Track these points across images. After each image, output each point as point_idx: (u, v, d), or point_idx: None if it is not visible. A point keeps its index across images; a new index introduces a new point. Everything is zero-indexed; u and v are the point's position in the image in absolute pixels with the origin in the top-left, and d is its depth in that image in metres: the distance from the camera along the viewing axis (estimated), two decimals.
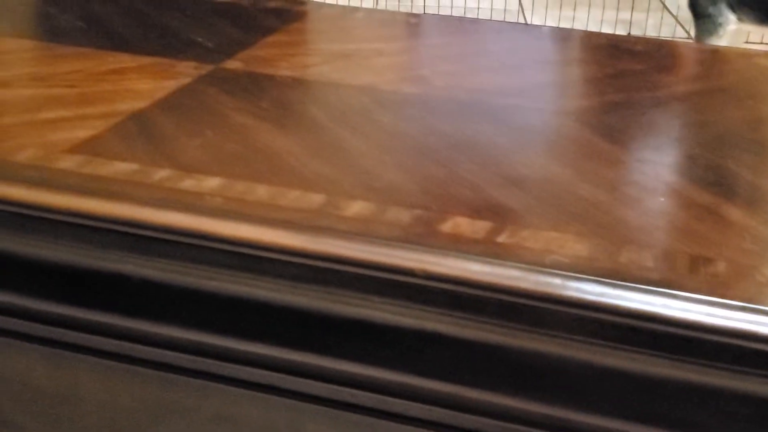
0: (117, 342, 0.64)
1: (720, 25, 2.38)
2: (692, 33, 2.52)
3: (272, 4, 1.16)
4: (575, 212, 0.62)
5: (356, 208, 0.62)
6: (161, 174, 0.65)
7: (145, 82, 0.83)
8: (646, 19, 2.95)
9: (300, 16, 1.07)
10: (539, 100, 0.82)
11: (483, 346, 0.56)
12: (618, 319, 0.54)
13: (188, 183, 0.64)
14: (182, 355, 0.64)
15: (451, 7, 3.07)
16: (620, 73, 0.87)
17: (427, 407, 0.59)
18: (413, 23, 1.09)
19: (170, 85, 0.83)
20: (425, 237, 0.58)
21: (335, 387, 0.61)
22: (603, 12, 2.93)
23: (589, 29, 2.71)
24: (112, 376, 0.66)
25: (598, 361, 0.55)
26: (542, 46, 0.97)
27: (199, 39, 0.96)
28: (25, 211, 0.62)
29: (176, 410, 0.65)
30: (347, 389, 0.61)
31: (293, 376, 0.62)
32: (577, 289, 0.54)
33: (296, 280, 0.59)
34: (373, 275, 0.57)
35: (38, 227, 0.62)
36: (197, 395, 0.65)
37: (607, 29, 2.81)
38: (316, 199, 0.63)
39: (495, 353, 0.56)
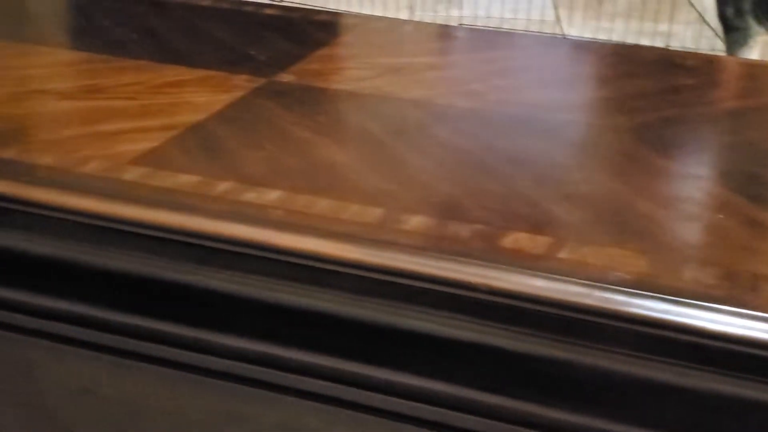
0: (182, 352, 0.66)
1: (750, 36, 2.40)
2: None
3: (321, 18, 1.17)
4: (635, 228, 0.62)
5: (416, 222, 0.63)
6: (224, 186, 0.66)
7: (201, 95, 0.85)
8: (685, 31, 2.93)
9: (349, 30, 1.08)
10: (594, 116, 0.82)
11: (545, 361, 0.56)
12: (681, 337, 0.54)
13: (250, 195, 0.65)
14: (246, 366, 0.65)
15: (487, 17, 3.07)
16: (674, 89, 0.87)
17: (487, 421, 0.60)
18: (462, 37, 1.10)
19: (226, 98, 0.84)
20: (486, 252, 0.59)
21: (395, 399, 0.62)
22: (641, 23, 2.92)
23: (627, 41, 2.70)
24: (176, 386, 0.67)
25: (659, 378, 0.55)
26: (592, 61, 0.98)
27: (252, 52, 0.97)
28: (93, 222, 0.63)
29: (239, 420, 0.66)
30: (407, 402, 0.62)
31: (354, 387, 0.63)
32: (641, 306, 0.54)
33: (358, 292, 0.60)
34: (435, 289, 0.58)
35: (106, 238, 0.63)
36: (260, 405, 0.66)
37: (645, 41, 2.81)
38: (375, 212, 0.64)
39: (557, 369, 0.57)
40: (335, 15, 1.22)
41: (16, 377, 0.72)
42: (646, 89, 0.93)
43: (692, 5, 3.14)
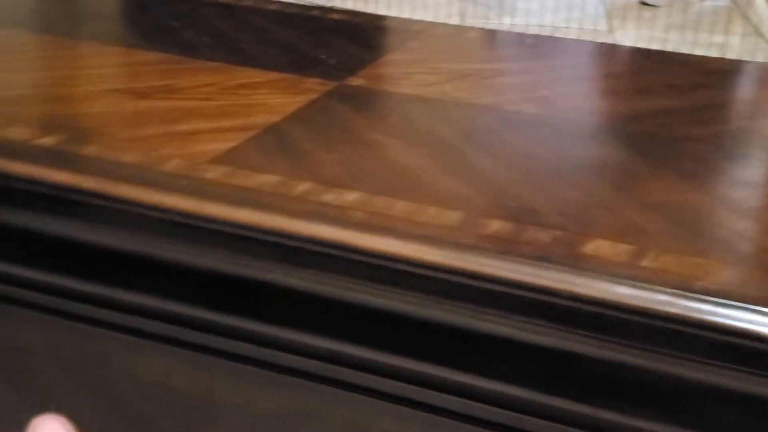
0: (256, 348, 0.66)
1: None
2: None
3: (386, 23, 1.18)
4: (717, 238, 0.62)
5: (495, 226, 0.63)
6: (303, 187, 0.67)
7: (275, 97, 0.86)
8: (740, 44, 2.90)
9: (414, 35, 1.09)
10: (670, 126, 0.81)
11: (627, 369, 0.56)
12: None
13: (330, 196, 0.66)
14: (319, 363, 0.65)
15: (539, 26, 3.06)
16: (749, 100, 0.86)
17: (563, 427, 0.60)
18: (527, 44, 1.10)
19: (299, 100, 0.85)
20: (567, 258, 0.59)
21: (470, 402, 0.62)
22: (696, 35, 2.90)
23: (681, 51, 2.67)
24: (249, 382, 0.68)
25: (746, 389, 0.54)
26: (658, 70, 0.97)
27: (322, 56, 0.98)
28: (176, 219, 0.64)
29: (311, 418, 0.67)
30: (482, 405, 0.62)
31: (428, 389, 0.63)
32: (727, 316, 0.54)
33: (438, 294, 0.60)
34: (516, 294, 0.58)
35: (188, 235, 0.64)
36: (332, 403, 0.66)
37: (699, 53, 2.78)
38: (453, 216, 0.64)
39: (639, 377, 0.56)
40: (400, 20, 1.22)
41: (93, 369, 0.74)
42: (716, 99, 0.92)
43: (747, 18, 3.10)
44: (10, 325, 0.76)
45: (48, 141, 0.73)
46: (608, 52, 1.13)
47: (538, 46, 1.09)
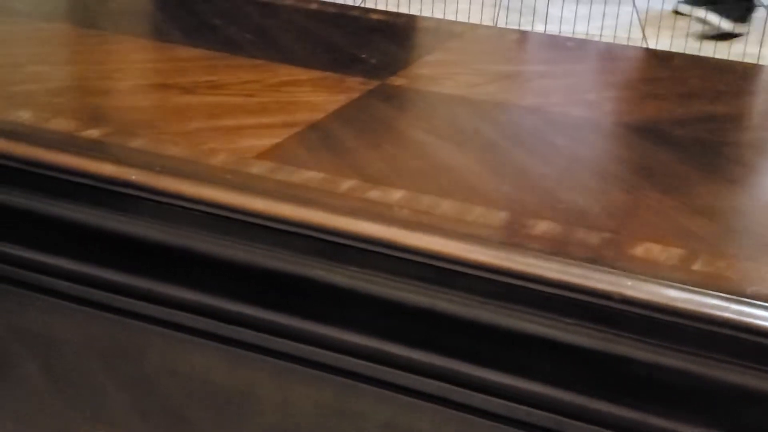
0: (296, 344, 0.66)
1: None
2: None
3: (426, 24, 1.17)
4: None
5: (543, 227, 0.62)
6: (348, 184, 0.67)
7: (318, 95, 0.85)
8: None
9: (455, 36, 1.09)
10: (718, 132, 0.80)
11: (678, 373, 0.55)
12: None
13: (375, 194, 0.66)
14: (359, 362, 0.65)
15: (572, 34, 3.04)
16: None
17: None
18: (570, 47, 1.09)
19: (342, 98, 0.85)
20: (617, 260, 0.58)
21: (513, 405, 0.62)
22: (730, 45, 2.87)
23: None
24: (288, 378, 0.68)
25: None
26: (705, 76, 0.96)
27: (363, 55, 0.98)
28: (223, 213, 0.64)
29: (349, 415, 0.67)
30: (525, 407, 0.61)
31: (469, 390, 0.63)
32: None
33: (485, 295, 0.60)
34: (565, 295, 0.57)
35: (235, 229, 0.64)
36: (371, 402, 0.66)
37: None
38: (501, 216, 0.63)
39: (689, 381, 0.56)
40: (440, 22, 1.22)
41: (132, 362, 0.74)
42: (760, 105, 0.91)
43: None
44: (51, 316, 0.77)
45: (94, 133, 0.73)
46: (650, 56, 1.12)
47: (580, 50, 1.08)
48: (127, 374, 0.76)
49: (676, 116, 0.84)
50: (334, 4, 1.19)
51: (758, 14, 3.02)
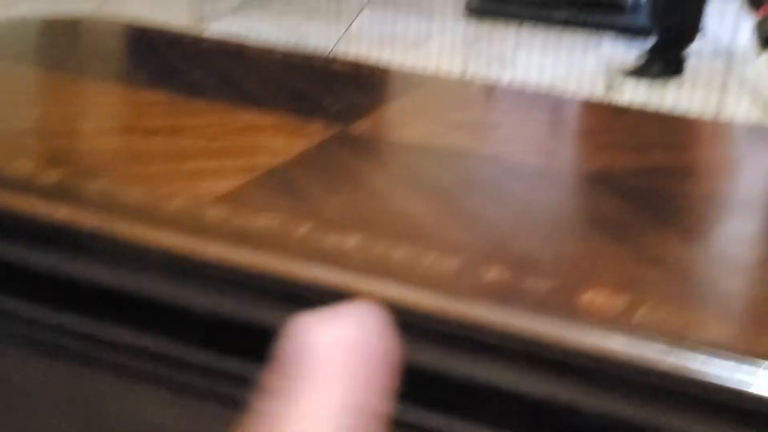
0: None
1: None
2: None
3: (391, 73, 1.20)
4: (714, 292, 0.63)
5: (493, 274, 0.63)
6: (305, 228, 0.67)
7: (278, 139, 0.87)
8: (734, 104, 2.93)
9: (419, 85, 1.11)
10: (668, 182, 0.82)
11: (623, 423, 0.56)
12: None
13: (331, 238, 0.66)
14: None
15: (538, 83, 3.10)
16: (745, 160, 0.87)
17: None
18: (531, 97, 1.11)
19: (302, 143, 0.86)
20: (563, 307, 0.59)
21: None
22: (708, 93, 2.93)
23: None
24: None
25: None
26: (661, 128, 0.98)
27: (325, 102, 0.99)
28: (178, 258, 0.64)
29: None
30: None
31: None
32: (720, 366, 0.54)
33: (434, 341, 0.60)
34: (510, 344, 0.58)
35: (190, 274, 0.65)
36: None
37: (694, 113, 2.81)
38: (453, 262, 0.64)
39: (634, 431, 0.57)
40: (404, 71, 1.24)
41: (87, 409, 0.73)
42: (712, 158, 0.93)
43: (743, 79, 3.14)
44: (4, 361, 0.76)
45: (52, 175, 0.74)
46: (607, 109, 1.15)
47: (541, 100, 1.11)
48: (83, 420, 0.75)
49: (630, 167, 0.86)
50: (300, 53, 1.21)
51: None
